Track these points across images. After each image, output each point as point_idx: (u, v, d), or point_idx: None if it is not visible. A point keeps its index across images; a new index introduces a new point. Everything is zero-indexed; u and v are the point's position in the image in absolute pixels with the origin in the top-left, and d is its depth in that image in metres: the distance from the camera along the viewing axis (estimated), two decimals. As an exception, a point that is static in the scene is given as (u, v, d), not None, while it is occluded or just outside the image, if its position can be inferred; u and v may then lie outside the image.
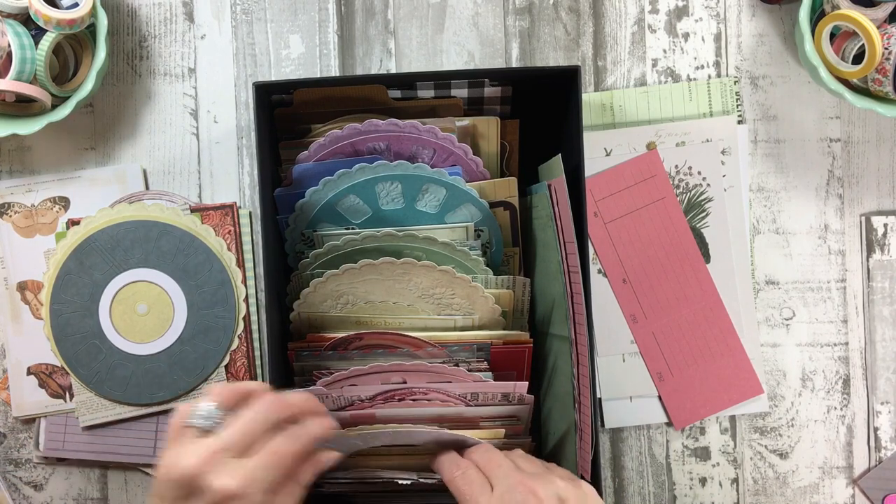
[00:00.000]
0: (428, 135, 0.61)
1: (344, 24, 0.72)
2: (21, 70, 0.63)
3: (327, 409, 0.61)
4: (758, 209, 0.72)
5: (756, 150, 0.72)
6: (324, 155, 0.62)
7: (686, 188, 0.71)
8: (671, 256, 0.71)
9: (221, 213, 0.70)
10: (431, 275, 0.61)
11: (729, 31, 0.72)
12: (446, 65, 0.72)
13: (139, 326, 0.69)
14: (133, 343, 0.69)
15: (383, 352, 0.62)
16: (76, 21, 0.64)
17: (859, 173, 0.72)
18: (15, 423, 0.71)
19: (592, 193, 0.70)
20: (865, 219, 0.72)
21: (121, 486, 0.71)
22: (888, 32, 0.64)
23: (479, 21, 0.72)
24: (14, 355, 0.71)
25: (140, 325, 0.69)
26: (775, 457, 0.72)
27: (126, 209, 0.69)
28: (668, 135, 0.71)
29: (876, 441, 0.72)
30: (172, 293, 0.69)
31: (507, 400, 0.61)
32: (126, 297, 0.69)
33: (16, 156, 0.72)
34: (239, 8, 0.72)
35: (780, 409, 0.72)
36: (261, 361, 0.70)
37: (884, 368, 0.71)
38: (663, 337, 0.71)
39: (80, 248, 0.69)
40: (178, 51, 0.72)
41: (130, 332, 0.69)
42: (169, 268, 0.69)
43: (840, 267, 0.72)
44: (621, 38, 0.72)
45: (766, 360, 0.72)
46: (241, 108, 0.72)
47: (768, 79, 0.72)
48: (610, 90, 0.72)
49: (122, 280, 0.69)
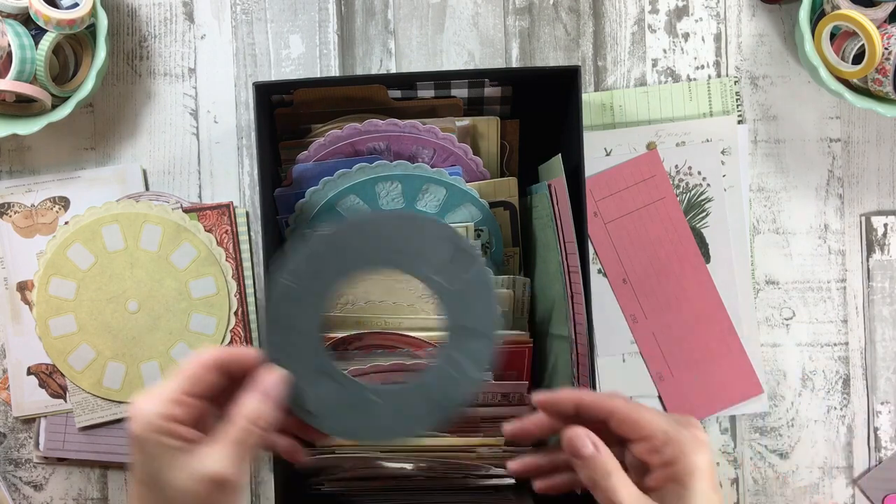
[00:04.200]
0: (428, 135, 0.61)
1: (344, 24, 0.72)
2: (21, 70, 0.63)
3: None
4: (758, 209, 0.72)
5: (756, 150, 0.72)
6: (324, 155, 0.62)
7: (686, 188, 0.71)
8: (671, 256, 0.71)
9: (218, 213, 0.70)
10: (431, 275, 0.60)
11: (729, 31, 0.72)
12: (446, 65, 0.72)
13: (131, 324, 0.69)
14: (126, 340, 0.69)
15: (383, 352, 0.62)
16: (76, 21, 0.64)
17: (859, 173, 0.72)
18: (15, 423, 0.71)
19: (592, 193, 0.70)
20: (865, 219, 0.72)
21: (121, 487, 0.71)
22: (888, 32, 0.64)
23: (479, 21, 0.72)
24: (14, 355, 0.71)
25: (132, 323, 0.69)
26: (775, 457, 0.72)
27: (114, 207, 0.69)
28: (668, 135, 0.71)
29: (876, 441, 0.72)
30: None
31: (507, 400, 0.61)
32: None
33: (16, 156, 0.72)
34: (239, 8, 0.72)
35: (780, 409, 0.72)
36: (261, 361, 0.70)
37: (884, 368, 0.71)
38: (663, 337, 0.71)
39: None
40: (178, 51, 0.72)
41: (123, 329, 0.69)
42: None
43: (840, 267, 0.72)
44: (621, 38, 0.72)
45: (766, 360, 0.72)
46: (241, 108, 0.72)
47: (768, 79, 0.72)
48: (610, 90, 0.72)
49: (122, 280, 0.69)
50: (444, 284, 0.48)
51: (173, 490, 0.44)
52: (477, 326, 0.48)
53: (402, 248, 0.48)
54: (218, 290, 0.70)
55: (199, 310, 0.70)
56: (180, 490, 0.44)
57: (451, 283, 0.48)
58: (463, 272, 0.48)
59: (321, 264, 0.47)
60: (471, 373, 0.49)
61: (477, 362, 0.49)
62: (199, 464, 0.44)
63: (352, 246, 0.47)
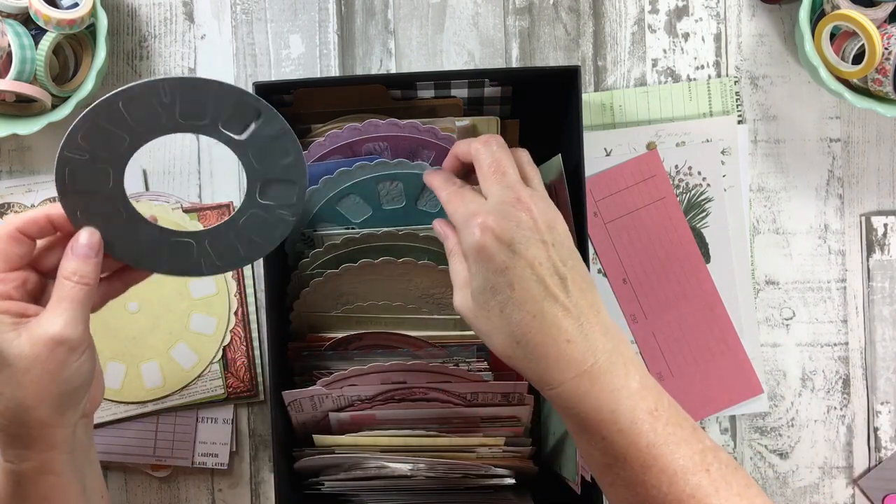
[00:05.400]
0: (428, 135, 0.61)
1: (344, 24, 0.72)
2: (21, 70, 0.63)
3: (327, 408, 0.62)
4: (758, 209, 0.72)
5: (756, 150, 0.72)
6: (324, 155, 0.62)
7: (686, 188, 0.71)
8: (671, 256, 0.71)
9: (218, 213, 0.70)
10: (431, 275, 0.61)
11: (729, 31, 0.72)
12: (446, 65, 0.72)
13: (131, 324, 0.69)
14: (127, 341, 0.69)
15: (383, 352, 0.62)
16: (76, 21, 0.64)
17: (859, 173, 0.72)
18: (15, 423, 0.71)
19: (592, 193, 0.70)
20: (865, 219, 0.72)
21: (121, 486, 0.71)
22: (888, 32, 0.64)
23: (479, 21, 0.72)
24: (14, 355, 0.71)
25: (132, 323, 0.69)
26: (775, 457, 0.72)
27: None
28: (668, 135, 0.71)
29: (876, 441, 0.72)
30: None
31: (507, 400, 0.61)
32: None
33: (16, 156, 0.72)
34: (239, 8, 0.72)
35: (780, 409, 0.72)
36: (260, 361, 0.70)
37: (884, 368, 0.71)
38: (663, 337, 0.71)
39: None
40: (178, 51, 0.72)
41: (123, 329, 0.69)
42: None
43: (840, 267, 0.72)
44: (621, 38, 0.72)
45: (766, 360, 0.72)
46: (241, 108, 0.71)
47: (768, 79, 0.72)
48: (610, 90, 0.72)
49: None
50: (233, 136, 0.50)
51: (16, 359, 0.47)
52: (280, 176, 0.52)
53: (187, 112, 0.49)
54: (218, 290, 0.70)
55: (199, 310, 0.70)
56: (23, 357, 0.47)
57: (240, 134, 0.50)
58: (251, 122, 0.50)
59: (108, 135, 0.49)
60: (284, 216, 0.53)
61: (289, 206, 0.53)
62: (38, 328, 0.47)
63: (136, 115, 0.49)
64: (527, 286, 0.46)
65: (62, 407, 0.49)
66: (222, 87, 0.49)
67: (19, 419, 0.48)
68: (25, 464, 0.49)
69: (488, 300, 0.47)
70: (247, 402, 0.71)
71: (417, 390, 0.60)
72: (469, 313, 0.49)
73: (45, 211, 0.50)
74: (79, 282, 0.48)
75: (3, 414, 0.48)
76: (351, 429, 0.62)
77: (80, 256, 0.49)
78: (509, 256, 0.47)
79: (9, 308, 0.48)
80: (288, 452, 0.62)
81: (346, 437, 0.61)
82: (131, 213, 0.51)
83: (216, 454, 0.70)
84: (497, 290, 0.47)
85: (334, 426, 0.62)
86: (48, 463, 0.49)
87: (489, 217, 0.47)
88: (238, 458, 0.71)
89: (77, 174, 0.49)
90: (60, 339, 0.47)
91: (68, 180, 0.49)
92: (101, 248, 0.50)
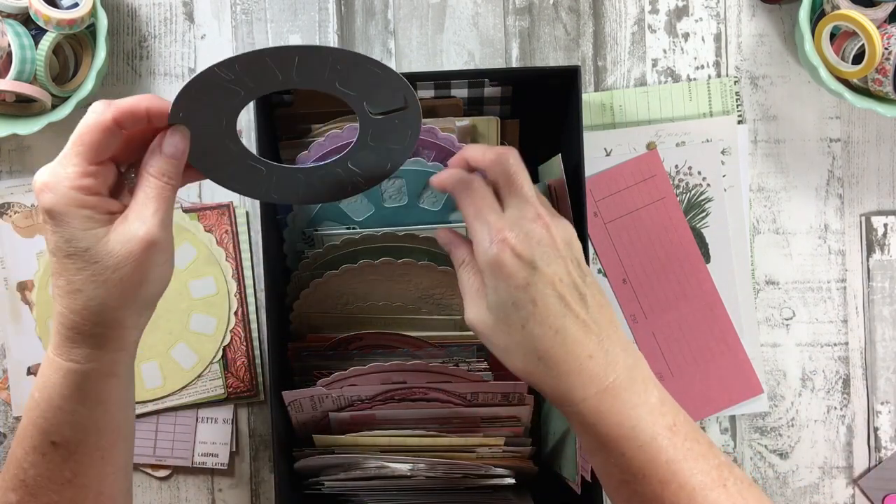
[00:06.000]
0: (428, 135, 0.61)
1: (344, 24, 0.72)
2: (21, 70, 0.63)
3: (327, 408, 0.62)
4: (758, 209, 0.72)
5: (756, 150, 0.72)
6: (324, 155, 0.62)
7: (686, 188, 0.71)
8: (671, 256, 0.71)
9: (218, 213, 0.70)
10: (431, 275, 0.61)
11: (729, 31, 0.72)
12: (446, 65, 0.72)
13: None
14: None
15: (383, 352, 0.62)
16: (76, 21, 0.64)
17: (859, 173, 0.72)
18: (15, 423, 0.71)
19: (592, 193, 0.70)
20: (865, 219, 0.72)
21: (121, 486, 0.71)
22: (888, 32, 0.64)
23: (479, 21, 0.72)
24: (14, 355, 0.71)
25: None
26: (775, 457, 0.72)
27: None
28: (668, 135, 0.71)
29: (876, 441, 0.72)
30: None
31: (507, 400, 0.61)
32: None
33: (16, 156, 0.72)
34: (239, 8, 0.72)
35: (780, 409, 0.72)
36: (260, 361, 0.70)
37: (884, 368, 0.71)
38: (663, 337, 0.71)
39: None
40: (178, 51, 0.72)
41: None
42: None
43: (840, 267, 0.72)
44: (621, 38, 0.72)
45: (766, 360, 0.72)
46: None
47: (768, 79, 0.72)
48: (610, 90, 0.72)
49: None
50: (370, 112, 0.50)
51: (106, 256, 0.45)
52: (381, 150, 0.52)
53: (344, 81, 0.48)
54: (218, 289, 0.70)
55: (199, 310, 0.70)
56: (113, 255, 0.45)
57: (376, 112, 0.50)
58: (392, 109, 0.50)
59: (264, 70, 0.47)
60: (357, 184, 0.53)
61: (366, 178, 0.53)
62: (129, 227, 0.45)
63: (302, 69, 0.47)
64: (548, 302, 0.46)
65: (141, 308, 0.47)
66: (387, 72, 0.48)
67: (99, 318, 0.45)
68: (91, 364, 0.46)
69: (510, 315, 0.47)
70: (247, 402, 0.71)
71: (417, 390, 0.60)
72: (485, 328, 0.48)
73: (145, 102, 0.46)
74: (168, 182, 0.46)
75: (79, 312, 0.45)
76: (351, 429, 0.62)
77: (171, 156, 0.46)
78: (531, 273, 0.46)
79: (98, 204, 0.45)
80: (288, 452, 0.62)
81: (346, 437, 0.61)
82: (228, 132, 0.49)
83: (216, 454, 0.70)
84: (519, 305, 0.47)
85: (334, 426, 0.62)
86: (114, 365, 0.47)
87: (510, 233, 0.47)
88: (238, 458, 0.71)
89: (211, 89, 0.46)
90: (152, 240, 0.45)
91: (199, 88, 0.46)
92: (186, 151, 0.48)
